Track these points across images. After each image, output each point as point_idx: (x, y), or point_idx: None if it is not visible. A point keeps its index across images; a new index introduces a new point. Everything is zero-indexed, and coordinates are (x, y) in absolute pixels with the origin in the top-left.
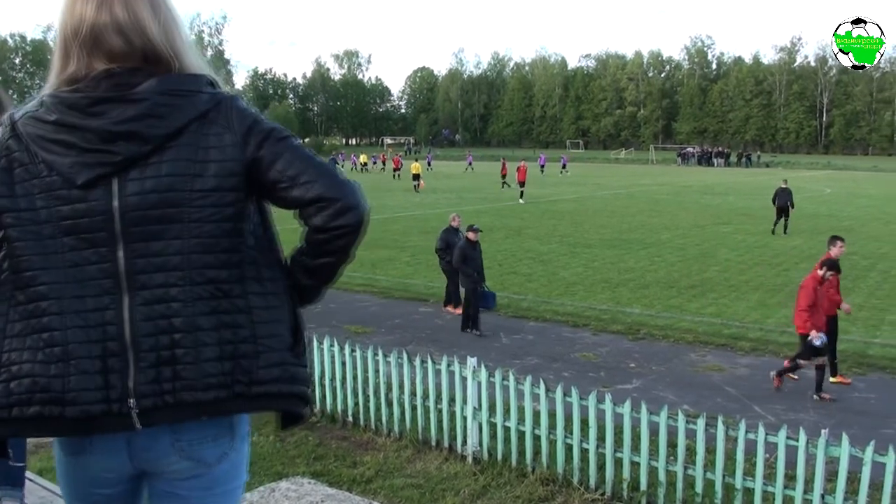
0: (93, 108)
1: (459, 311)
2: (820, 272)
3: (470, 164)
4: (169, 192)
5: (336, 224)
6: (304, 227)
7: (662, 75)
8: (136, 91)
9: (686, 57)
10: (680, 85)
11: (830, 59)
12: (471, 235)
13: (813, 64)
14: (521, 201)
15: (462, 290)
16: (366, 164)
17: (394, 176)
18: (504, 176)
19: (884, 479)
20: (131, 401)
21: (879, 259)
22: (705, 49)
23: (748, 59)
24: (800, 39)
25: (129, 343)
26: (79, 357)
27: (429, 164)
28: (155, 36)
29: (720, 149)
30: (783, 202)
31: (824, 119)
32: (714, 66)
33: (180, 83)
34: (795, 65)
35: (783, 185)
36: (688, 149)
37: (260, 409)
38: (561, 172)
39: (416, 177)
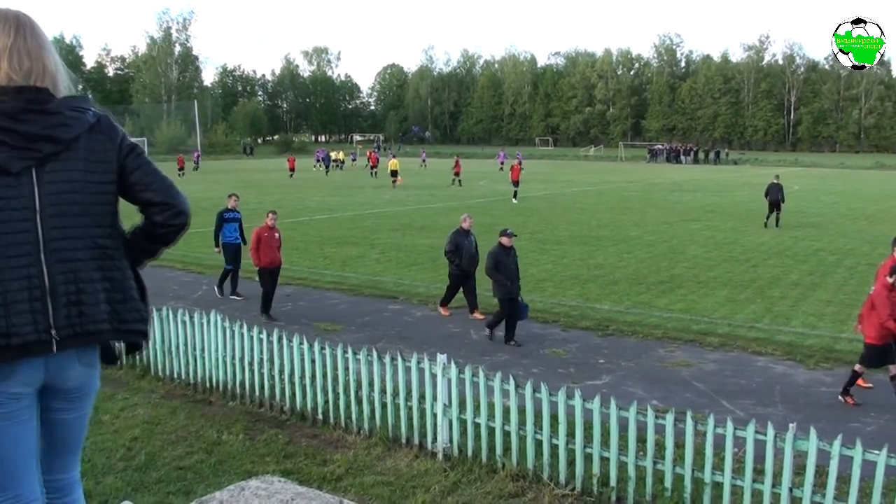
0: (22, 116)
1: (476, 315)
2: (890, 279)
3: (423, 161)
4: (74, 183)
5: (172, 222)
6: (146, 219)
7: (632, 73)
8: (51, 106)
9: (655, 55)
10: (649, 83)
11: (798, 58)
12: (504, 241)
13: (781, 62)
14: (514, 201)
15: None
16: (342, 160)
17: (371, 174)
18: (457, 174)
19: (851, 472)
20: (53, 331)
21: (846, 255)
22: (674, 47)
23: (717, 57)
24: (767, 38)
25: (47, 290)
26: (14, 301)
27: None
28: (49, 61)
29: (689, 146)
30: (775, 196)
31: (792, 117)
32: (683, 64)
33: (78, 102)
34: (763, 63)
35: (775, 181)
36: (657, 146)
37: (123, 339)
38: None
39: (394, 173)
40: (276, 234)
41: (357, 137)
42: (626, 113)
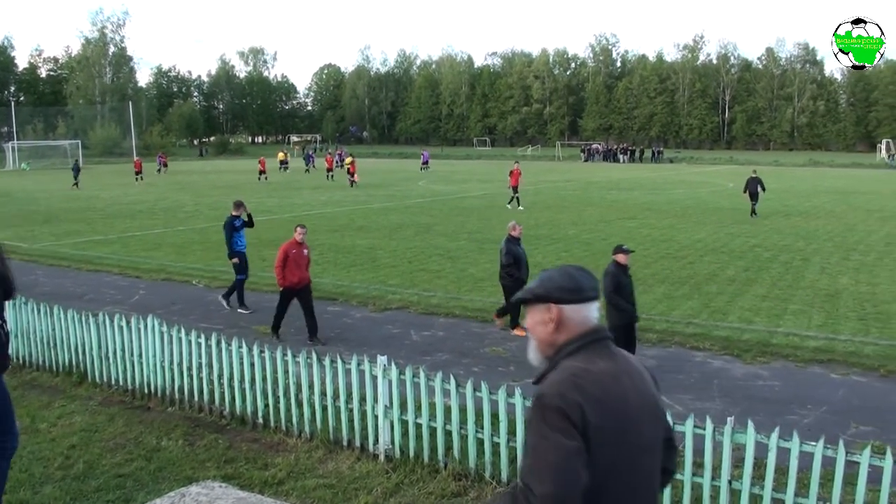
0: None
1: (521, 332)
2: None
3: (341, 159)
4: None
5: None
6: None
7: (568, 73)
8: None
9: (591, 55)
10: (585, 82)
11: (732, 58)
12: (621, 258)
13: (715, 62)
14: (520, 208)
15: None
16: (285, 161)
17: (328, 177)
18: (350, 173)
19: (789, 463)
20: None
21: (781, 251)
22: (610, 47)
23: (652, 56)
24: (702, 38)
25: None
26: None
27: (336, 162)
28: None
29: (626, 145)
30: (753, 189)
31: (726, 115)
32: (619, 63)
33: None
34: (698, 63)
35: (753, 175)
36: (593, 145)
37: None
38: (421, 169)
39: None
40: (305, 251)
41: (294, 138)
42: (562, 112)
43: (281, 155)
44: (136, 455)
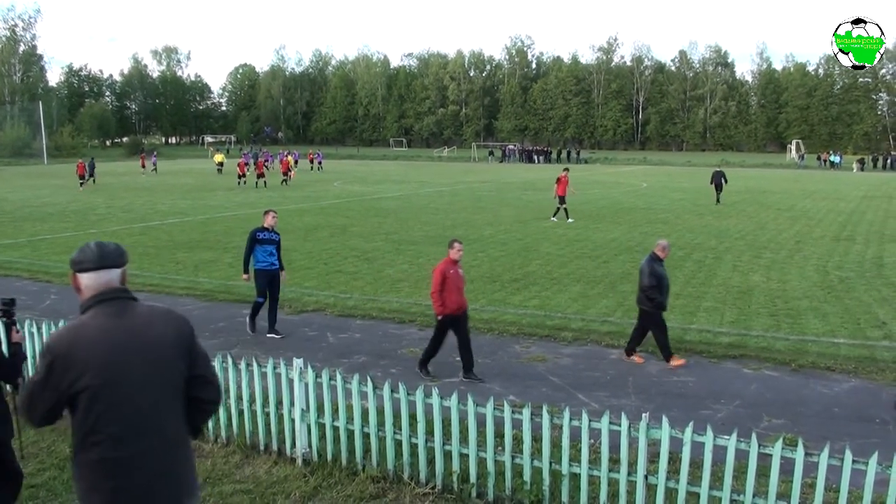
0: None
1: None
2: None
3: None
4: None
5: None
6: None
7: (484, 74)
8: None
9: (507, 56)
10: (501, 84)
11: (646, 59)
12: None
13: (629, 63)
14: (568, 220)
15: None
16: (222, 163)
17: (260, 183)
18: (261, 175)
19: (703, 457)
20: None
21: (693, 249)
22: (525, 49)
23: (567, 58)
24: (616, 40)
25: None
26: None
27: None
28: None
29: (543, 147)
30: (717, 180)
31: (640, 116)
32: (534, 65)
33: None
34: (613, 64)
35: (717, 168)
36: (508, 146)
37: None
38: (317, 168)
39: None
40: (461, 271)
41: (209, 139)
42: (478, 114)
43: (219, 157)
44: (48, 464)
